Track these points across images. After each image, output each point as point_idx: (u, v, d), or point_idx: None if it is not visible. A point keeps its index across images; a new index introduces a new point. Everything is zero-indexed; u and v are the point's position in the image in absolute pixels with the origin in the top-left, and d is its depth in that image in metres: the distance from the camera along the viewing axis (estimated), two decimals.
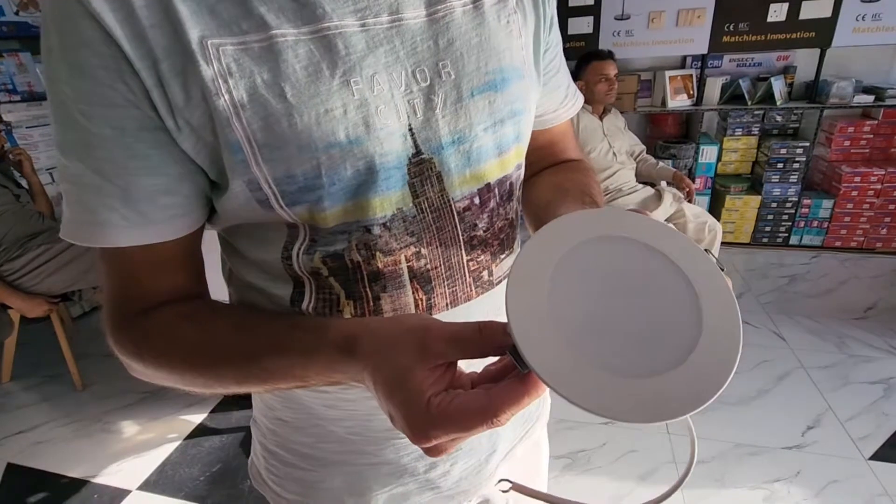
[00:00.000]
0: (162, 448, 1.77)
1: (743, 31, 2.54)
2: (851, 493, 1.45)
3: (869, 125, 2.64)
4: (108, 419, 1.93)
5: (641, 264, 0.30)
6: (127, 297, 0.41)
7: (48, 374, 2.19)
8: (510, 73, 0.41)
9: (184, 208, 0.38)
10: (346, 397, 0.47)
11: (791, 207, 2.79)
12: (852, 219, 2.73)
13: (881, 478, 1.49)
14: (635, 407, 0.26)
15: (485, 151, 0.41)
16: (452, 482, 0.53)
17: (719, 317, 0.28)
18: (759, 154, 2.87)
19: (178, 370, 0.39)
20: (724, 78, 2.75)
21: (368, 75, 0.36)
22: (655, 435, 1.69)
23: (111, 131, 0.34)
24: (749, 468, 1.55)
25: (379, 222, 0.39)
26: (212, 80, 0.33)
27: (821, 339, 2.14)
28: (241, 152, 0.34)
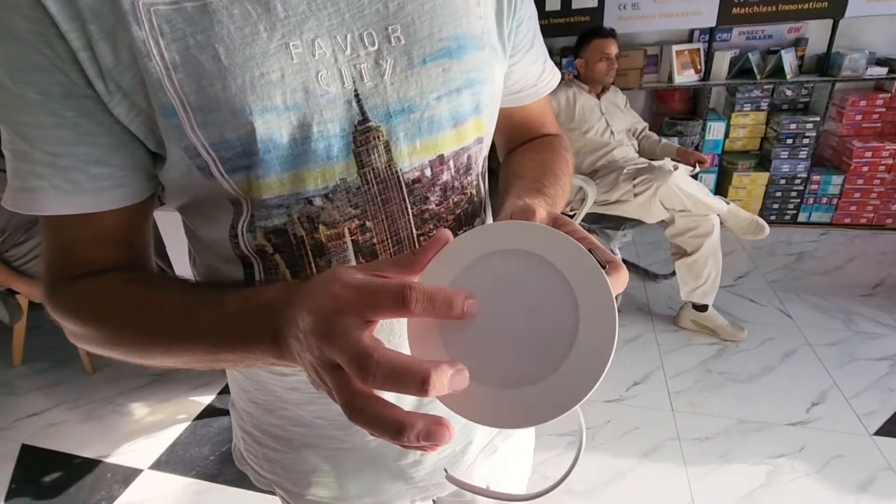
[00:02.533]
0: (172, 429, 1.80)
1: (753, 2, 2.47)
2: (855, 468, 1.46)
3: (882, 98, 2.59)
4: (118, 401, 1.96)
5: (528, 276, 0.31)
6: (65, 264, 0.41)
7: (58, 357, 2.22)
8: (467, 42, 0.40)
9: (117, 180, 0.37)
10: (306, 379, 0.47)
11: (800, 184, 2.75)
12: (862, 195, 2.69)
13: (885, 453, 1.49)
14: (508, 415, 0.29)
15: (438, 121, 0.40)
16: (425, 473, 0.53)
17: (596, 322, 0.29)
18: (768, 130, 2.82)
19: (109, 327, 0.39)
20: (733, 52, 2.69)
21: (309, 39, 0.35)
22: (658, 412, 1.70)
23: (38, 97, 0.33)
24: (753, 444, 1.56)
25: (321, 193, 0.38)
26: (143, 42, 0.32)
27: (827, 317, 2.12)
28: (175, 116, 0.34)
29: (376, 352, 0.24)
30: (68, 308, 0.40)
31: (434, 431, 0.24)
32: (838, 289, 2.30)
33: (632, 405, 1.74)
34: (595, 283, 0.30)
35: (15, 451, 1.75)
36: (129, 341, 0.39)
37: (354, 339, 0.25)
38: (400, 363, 0.24)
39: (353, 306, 0.27)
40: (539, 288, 0.30)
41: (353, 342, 0.25)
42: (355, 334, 0.26)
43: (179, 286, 0.41)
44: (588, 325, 0.29)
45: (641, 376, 1.86)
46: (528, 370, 0.30)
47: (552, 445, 1.59)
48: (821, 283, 2.36)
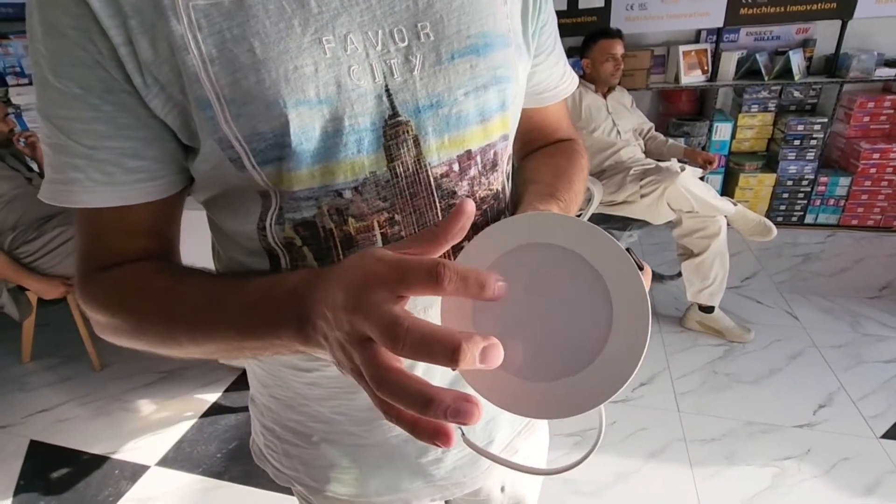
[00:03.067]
0: (179, 426, 1.81)
1: (761, 2, 2.46)
2: (862, 471, 1.45)
3: (890, 100, 2.57)
4: (126, 398, 1.97)
5: (560, 269, 0.31)
6: (97, 255, 0.42)
7: (67, 354, 2.23)
8: (494, 39, 0.41)
9: (152, 172, 0.38)
10: (327, 374, 0.47)
11: (807, 185, 2.74)
12: (870, 196, 2.68)
13: (892, 456, 1.49)
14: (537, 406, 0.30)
15: (465, 117, 0.41)
16: (446, 472, 0.53)
17: (629, 322, 0.29)
18: (776, 131, 2.81)
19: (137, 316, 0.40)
20: (741, 52, 2.68)
21: (341, 34, 0.36)
22: (665, 413, 1.70)
23: (79, 91, 0.34)
24: (760, 446, 1.56)
25: (350, 186, 0.38)
26: (181, 36, 0.33)
27: (834, 319, 2.12)
28: (210, 108, 0.34)
29: (406, 320, 0.24)
30: (98, 298, 0.41)
31: (463, 409, 0.23)
32: (845, 291, 2.29)
33: (638, 406, 1.74)
34: (630, 283, 0.30)
35: (24, 447, 1.77)
36: (155, 330, 0.40)
37: (386, 309, 0.25)
38: (431, 331, 0.24)
39: (385, 281, 0.27)
40: (573, 283, 0.31)
41: (385, 311, 0.25)
42: (387, 306, 0.26)
43: (206, 276, 0.42)
44: (621, 325, 0.29)
45: (648, 377, 1.86)
46: (560, 364, 0.30)
47: (559, 445, 1.59)
48: (827, 284, 2.36)
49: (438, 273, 0.26)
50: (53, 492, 1.59)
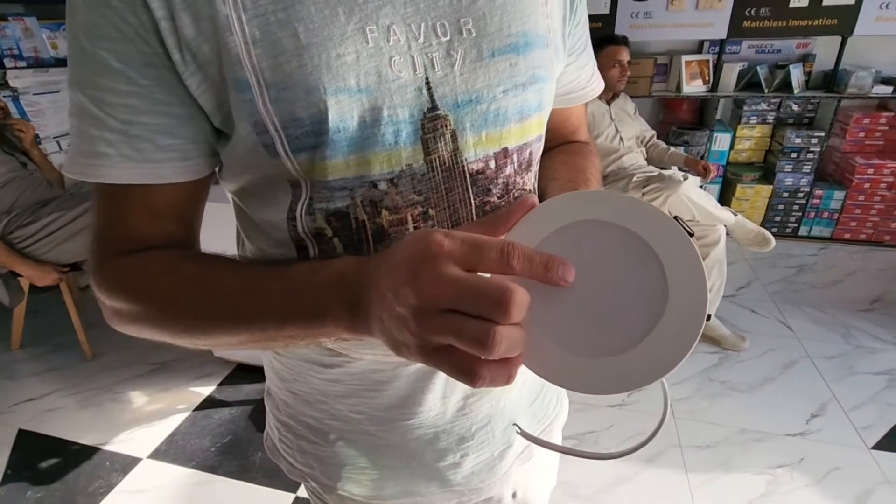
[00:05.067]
0: (171, 418, 1.79)
1: (764, 16, 2.49)
2: (853, 481, 1.47)
3: (885, 116, 2.62)
4: (117, 389, 1.94)
5: (610, 245, 0.31)
6: (118, 237, 0.40)
7: (58, 342, 2.19)
8: (534, 39, 0.40)
9: (184, 152, 0.38)
10: (350, 371, 0.47)
11: (802, 198, 2.78)
12: (863, 211, 2.72)
13: (883, 467, 1.51)
14: (591, 382, 0.30)
15: (504, 114, 0.40)
16: (462, 477, 0.52)
17: (685, 296, 0.29)
18: (773, 143, 2.85)
19: (164, 304, 0.39)
20: (742, 64, 2.71)
21: (385, 24, 0.35)
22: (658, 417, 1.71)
23: (118, 64, 0.34)
24: (753, 454, 1.57)
25: (386, 178, 0.38)
26: (225, 17, 0.33)
27: (827, 330, 2.15)
28: (249, 91, 0.34)
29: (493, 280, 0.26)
30: (118, 283, 0.40)
31: None
32: (837, 302, 2.32)
33: (634, 411, 1.75)
34: (683, 252, 0.29)
35: (12, 436, 1.73)
36: (183, 318, 0.39)
37: (462, 275, 0.26)
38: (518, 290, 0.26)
39: (456, 255, 0.27)
40: (625, 257, 0.30)
41: (462, 276, 0.26)
42: (461, 274, 0.26)
43: (237, 263, 0.41)
44: (677, 295, 0.29)
45: None
46: (617, 339, 0.30)
47: None
48: (820, 296, 2.39)
49: (509, 252, 0.27)
50: (42, 482, 1.56)
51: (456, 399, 0.48)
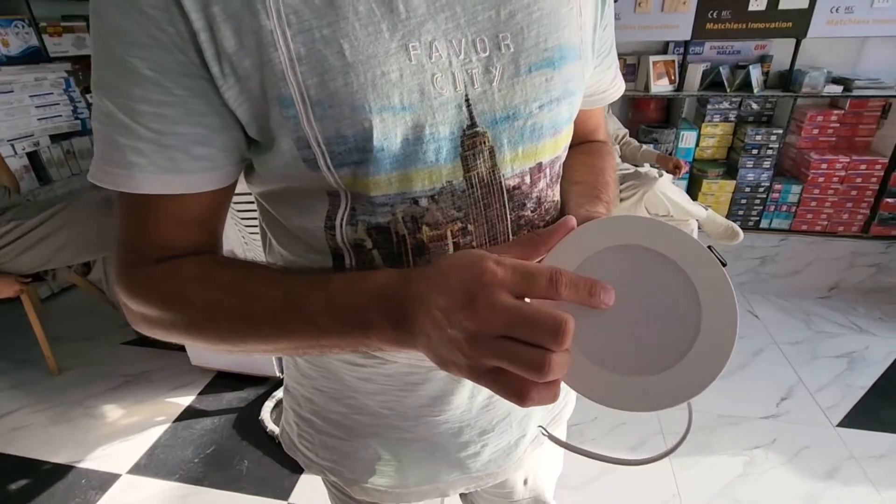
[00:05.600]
0: (150, 431, 1.73)
1: (725, 18, 2.60)
2: (822, 458, 1.57)
3: (836, 114, 2.78)
4: (89, 403, 1.86)
5: (650, 270, 0.33)
6: (147, 245, 0.40)
7: (21, 358, 2.08)
8: (567, 52, 0.41)
9: (216, 161, 0.37)
10: (383, 372, 0.47)
11: (763, 192, 2.91)
12: (818, 203, 2.88)
13: (848, 443, 1.61)
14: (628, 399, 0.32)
15: (539, 130, 0.41)
16: (482, 464, 0.54)
17: (717, 318, 0.31)
18: (735, 140, 2.97)
19: (198, 311, 0.38)
20: (705, 65, 2.82)
21: (427, 41, 0.35)
22: None
23: (152, 73, 0.33)
24: (730, 436, 1.65)
25: (427, 194, 0.38)
26: (270, 32, 0.32)
27: (790, 317, 2.27)
28: (292, 107, 0.34)
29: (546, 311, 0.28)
30: (149, 291, 0.40)
31: None
32: (798, 291, 2.46)
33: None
34: (716, 279, 0.31)
35: None
36: (220, 326, 0.38)
37: (515, 305, 0.28)
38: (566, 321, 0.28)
39: (508, 283, 0.28)
40: (660, 281, 0.32)
41: (516, 306, 0.28)
42: (513, 303, 0.28)
43: (273, 271, 0.41)
44: (710, 320, 0.31)
45: None
46: (649, 360, 0.32)
47: None
48: (783, 285, 2.52)
49: (557, 280, 0.29)
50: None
51: (482, 397, 0.50)
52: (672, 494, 1.46)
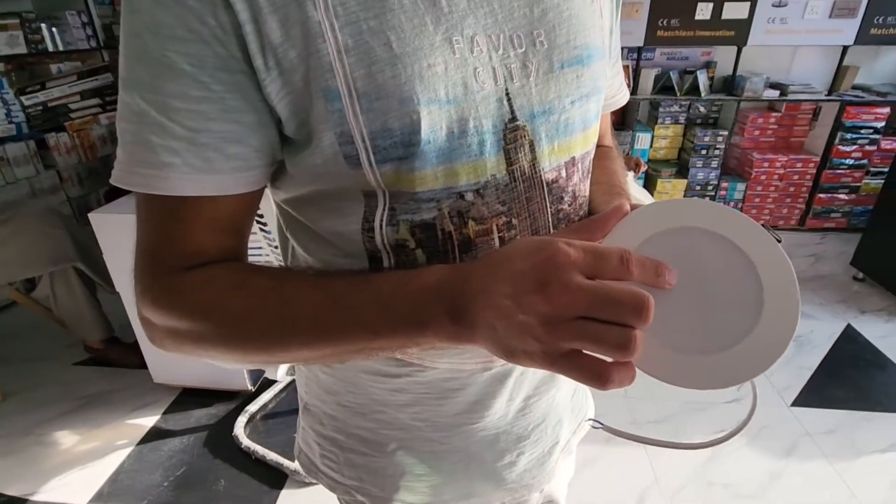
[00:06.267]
0: (112, 456, 1.62)
1: (674, 26, 2.75)
2: (780, 437, 1.68)
3: (774, 117, 3.00)
4: (40, 431, 1.72)
5: (708, 250, 0.34)
6: (175, 252, 0.38)
7: None
8: (595, 51, 0.43)
9: (249, 161, 0.36)
10: (419, 380, 0.47)
11: (712, 190, 3.10)
12: (761, 199, 3.10)
13: (802, 421, 1.74)
14: (694, 378, 0.32)
15: (572, 125, 0.42)
16: (517, 474, 0.54)
17: (778, 295, 0.32)
18: (685, 141, 3.14)
19: (235, 321, 0.37)
20: (656, 70, 2.97)
21: (469, 35, 0.36)
22: (615, 399, 1.84)
23: (190, 67, 0.32)
24: (699, 422, 1.74)
25: (472, 188, 0.38)
26: (317, 23, 0.32)
27: None
28: (338, 101, 0.33)
29: None
30: (180, 302, 0.37)
31: None
32: None
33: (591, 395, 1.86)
34: (775, 257, 0.32)
35: None
36: (262, 334, 0.37)
37: (592, 284, 0.28)
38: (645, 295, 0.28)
39: (581, 264, 0.28)
40: (721, 262, 0.33)
41: (593, 285, 0.28)
42: (588, 283, 0.28)
43: (310, 275, 0.40)
44: (772, 300, 0.32)
45: None
46: (714, 339, 0.32)
47: None
48: None
49: (627, 259, 0.29)
50: None
51: (519, 400, 0.50)
52: (651, 481, 1.52)
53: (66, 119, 2.55)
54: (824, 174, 2.95)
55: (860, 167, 2.92)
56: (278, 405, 1.82)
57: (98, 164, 2.68)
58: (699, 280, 0.33)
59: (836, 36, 2.70)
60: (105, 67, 2.68)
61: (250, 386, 1.84)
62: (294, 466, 1.52)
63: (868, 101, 2.78)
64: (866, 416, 1.75)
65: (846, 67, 2.83)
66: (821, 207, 3.06)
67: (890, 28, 2.66)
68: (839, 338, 2.16)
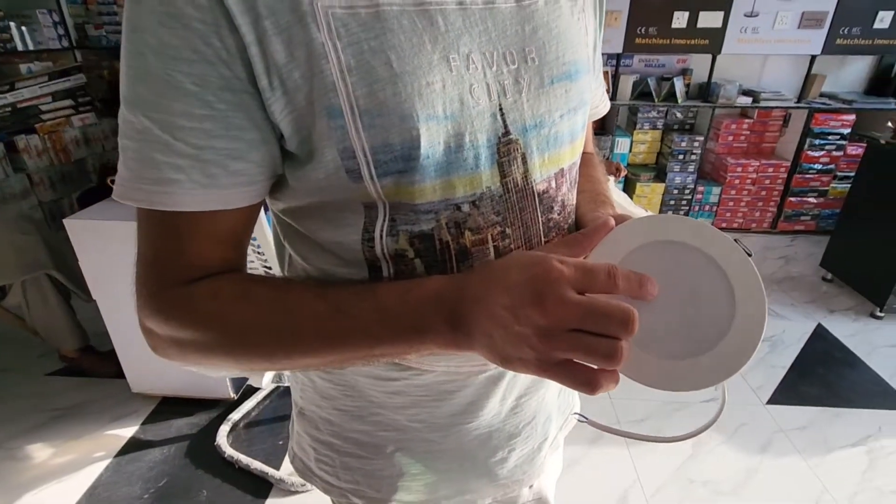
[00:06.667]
0: (88, 469, 1.57)
1: (652, 34, 2.82)
2: (756, 433, 1.74)
3: (747, 123, 3.10)
4: (11, 445, 1.66)
5: (685, 263, 0.37)
6: (177, 266, 0.39)
7: None
8: (582, 66, 0.45)
9: (251, 176, 0.37)
10: (417, 383, 0.48)
11: (689, 194, 3.18)
12: (735, 203, 3.19)
13: (776, 418, 1.80)
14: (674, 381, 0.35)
15: (560, 137, 0.44)
16: (508, 470, 0.56)
17: (748, 303, 0.35)
18: (663, 146, 3.22)
19: (240, 331, 0.38)
20: (635, 76, 3.04)
21: (465, 53, 0.37)
22: (599, 401, 1.87)
23: (193, 87, 0.33)
24: (678, 421, 1.78)
25: (468, 200, 0.40)
26: (321, 44, 0.33)
27: None
28: (341, 118, 0.34)
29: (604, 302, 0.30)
30: (184, 313, 0.38)
31: None
32: None
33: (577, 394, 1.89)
34: (745, 270, 0.35)
35: None
36: (263, 344, 0.38)
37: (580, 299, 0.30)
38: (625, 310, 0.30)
39: (573, 280, 0.31)
40: (695, 273, 0.36)
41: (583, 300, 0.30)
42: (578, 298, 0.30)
43: (312, 285, 0.41)
44: (743, 307, 0.35)
45: None
46: (692, 344, 0.35)
47: None
48: None
49: (615, 274, 0.31)
50: None
51: (511, 400, 0.51)
52: (633, 480, 1.56)
53: (37, 121, 2.47)
54: (794, 179, 3.06)
55: (828, 172, 3.04)
56: (262, 413, 1.80)
57: (72, 168, 2.61)
58: (678, 291, 0.36)
59: (804, 45, 2.81)
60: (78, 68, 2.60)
61: (233, 394, 1.82)
62: (279, 475, 1.51)
63: (835, 109, 2.90)
64: (837, 413, 1.82)
65: (814, 76, 2.95)
66: (791, 211, 3.17)
67: (855, 38, 2.78)
68: (810, 337, 2.24)
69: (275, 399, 1.86)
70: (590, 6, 0.48)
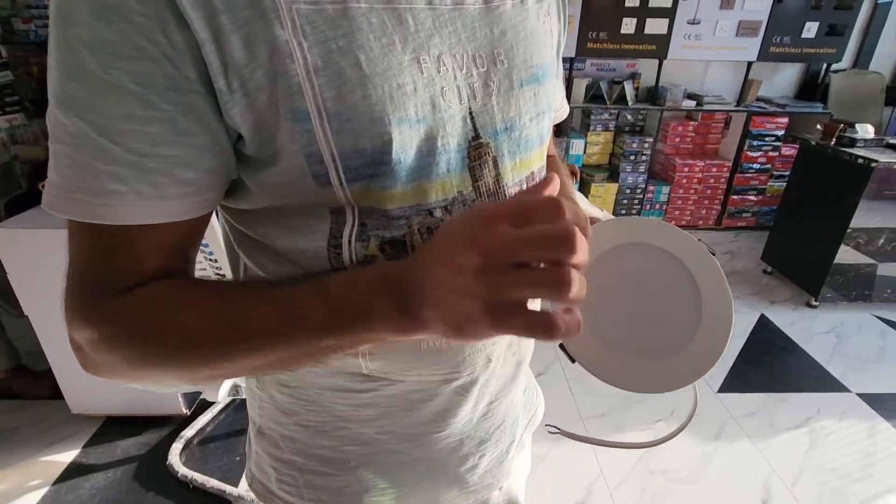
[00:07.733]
0: (22, 500, 1.44)
1: (603, 39, 2.91)
2: (710, 421, 1.82)
3: (692, 125, 3.25)
4: None
5: (654, 264, 0.37)
6: (111, 276, 0.35)
7: None
8: (548, 70, 0.44)
9: (201, 186, 0.34)
10: (386, 393, 0.46)
11: (640, 193, 3.31)
12: (683, 202, 3.34)
13: (727, 406, 1.89)
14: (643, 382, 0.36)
15: (531, 140, 0.43)
16: (479, 476, 0.55)
17: (714, 304, 0.37)
18: (616, 147, 3.33)
19: (181, 339, 0.35)
20: (587, 79, 3.13)
21: (435, 55, 0.36)
22: (562, 397, 1.90)
23: (135, 87, 0.30)
24: (637, 413, 1.84)
25: (441, 205, 0.39)
26: (285, 42, 0.31)
27: None
28: (308, 122, 0.32)
29: None
30: (119, 324, 0.35)
31: None
32: None
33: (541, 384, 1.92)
34: (711, 270, 0.36)
35: None
36: (212, 347, 0.35)
37: (521, 230, 0.27)
38: None
39: (507, 215, 0.28)
40: (664, 274, 0.37)
41: (517, 230, 0.27)
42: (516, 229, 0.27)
43: (255, 285, 0.39)
44: (709, 308, 0.36)
45: (543, 367, 2.05)
46: (664, 344, 0.36)
47: None
48: None
49: (557, 203, 0.27)
50: None
51: (483, 406, 0.50)
52: (596, 474, 1.59)
53: None
54: (736, 178, 3.24)
55: (765, 171, 3.24)
56: (216, 428, 1.71)
57: None
58: (648, 291, 0.36)
59: (741, 52, 2.98)
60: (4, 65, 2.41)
61: (185, 409, 1.72)
62: (237, 492, 1.44)
63: (770, 112, 3.09)
64: (781, 397, 1.93)
65: (751, 81, 3.13)
66: (734, 208, 3.35)
67: (786, 47, 2.98)
68: (754, 327, 2.37)
69: (231, 413, 1.77)
70: (553, 10, 0.47)
